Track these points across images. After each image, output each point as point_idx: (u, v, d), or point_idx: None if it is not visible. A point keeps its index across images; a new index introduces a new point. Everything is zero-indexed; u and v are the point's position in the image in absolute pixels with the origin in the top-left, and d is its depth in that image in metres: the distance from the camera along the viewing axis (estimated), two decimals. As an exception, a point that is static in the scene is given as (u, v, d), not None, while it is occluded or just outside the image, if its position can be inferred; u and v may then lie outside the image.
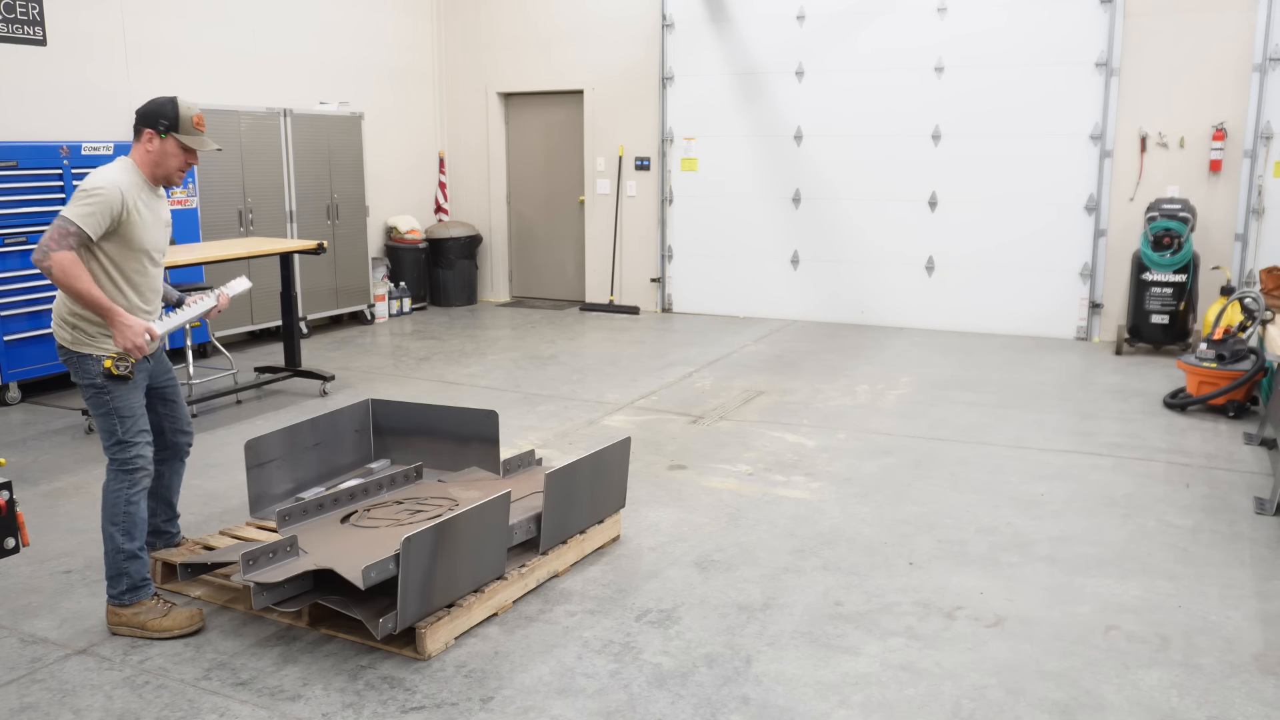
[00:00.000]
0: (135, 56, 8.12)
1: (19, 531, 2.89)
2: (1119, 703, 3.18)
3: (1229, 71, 8.15)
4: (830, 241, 9.85)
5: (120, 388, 3.60)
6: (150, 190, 3.63)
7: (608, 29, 10.46)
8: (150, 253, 3.63)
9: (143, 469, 3.65)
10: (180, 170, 3.65)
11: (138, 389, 3.66)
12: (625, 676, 3.35)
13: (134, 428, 3.64)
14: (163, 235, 3.73)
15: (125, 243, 3.54)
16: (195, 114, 3.63)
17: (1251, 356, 6.38)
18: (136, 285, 3.64)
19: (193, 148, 3.63)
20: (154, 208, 3.65)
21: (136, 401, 3.65)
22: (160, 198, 3.72)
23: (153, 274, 3.69)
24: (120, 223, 3.49)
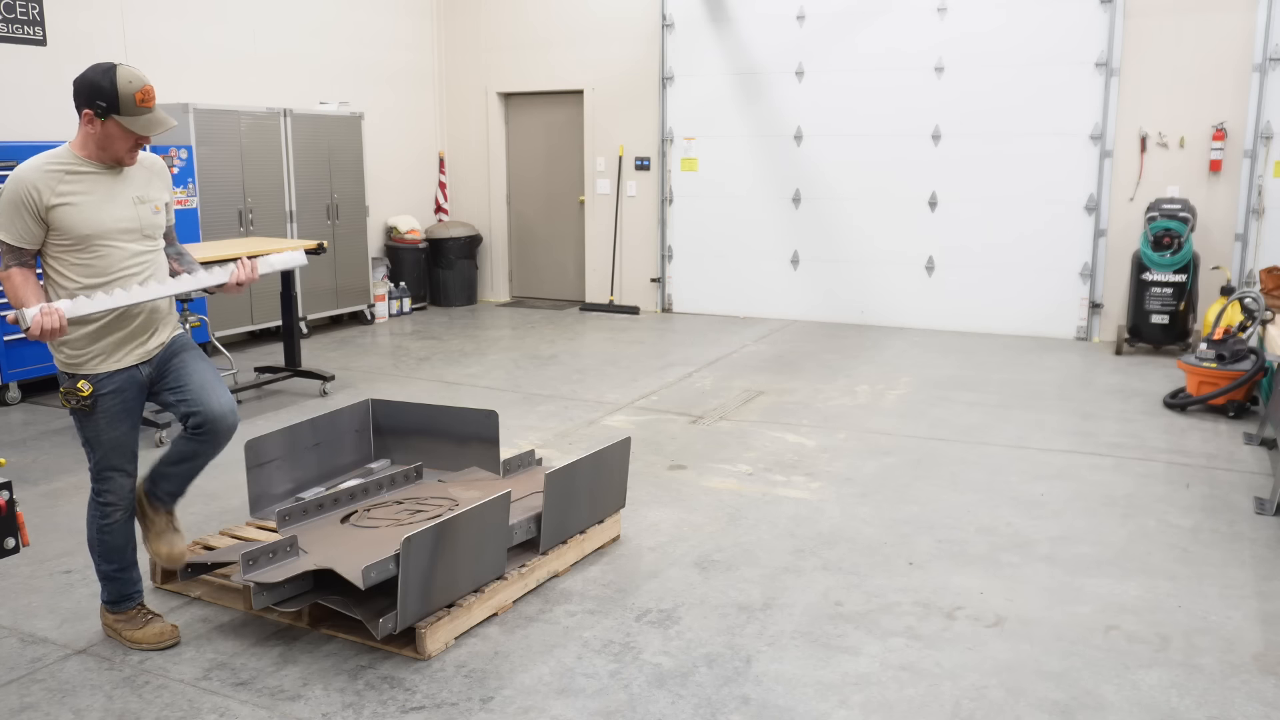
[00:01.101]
0: (135, 56, 8.11)
1: (19, 531, 2.89)
2: (1119, 703, 3.18)
3: (1229, 71, 8.15)
4: (830, 241, 9.85)
5: (83, 419, 3.30)
6: (98, 167, 3.25)
7: (607, 29, 10.46)
8: (104, 236, 3.22)
9: (113, 504, 3.41)
10: (131, 150, 3.25)
11: (112, 420, 3.32)
12: (625, 676, 3.35)
13: (104, 462, 3.36)
14: (128, 212, 3.29)
15: (61, 234, 3.17)
16: (139, 88, 3.13)
17: (1251, 356, 6.38)
18: (101, 275, 3.24)
19: (138, 133, 3.19)
20: (103, 187, 3.24)
21: (108, 434, 3.33)
22: (118, 174, 3.30)
23: (121, 256, 3.28)
24: (45, 214, 3.15)
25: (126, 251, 3.29)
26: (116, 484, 3.40)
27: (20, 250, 3.18)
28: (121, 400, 3.33)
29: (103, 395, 3.28)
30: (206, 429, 3.40)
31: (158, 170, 3.48)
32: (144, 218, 3.34)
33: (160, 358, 3.44)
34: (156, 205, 3.38)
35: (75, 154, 3.24)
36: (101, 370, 3.29)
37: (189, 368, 3.44)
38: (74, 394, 3.24)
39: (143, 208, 3.33)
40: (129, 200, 3.30)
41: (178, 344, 3.49)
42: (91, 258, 3.23)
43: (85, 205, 3.19)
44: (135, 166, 3.35)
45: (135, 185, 3.34)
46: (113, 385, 3.30)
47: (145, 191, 3.36)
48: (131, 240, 3.30)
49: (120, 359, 3.33)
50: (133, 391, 3.36)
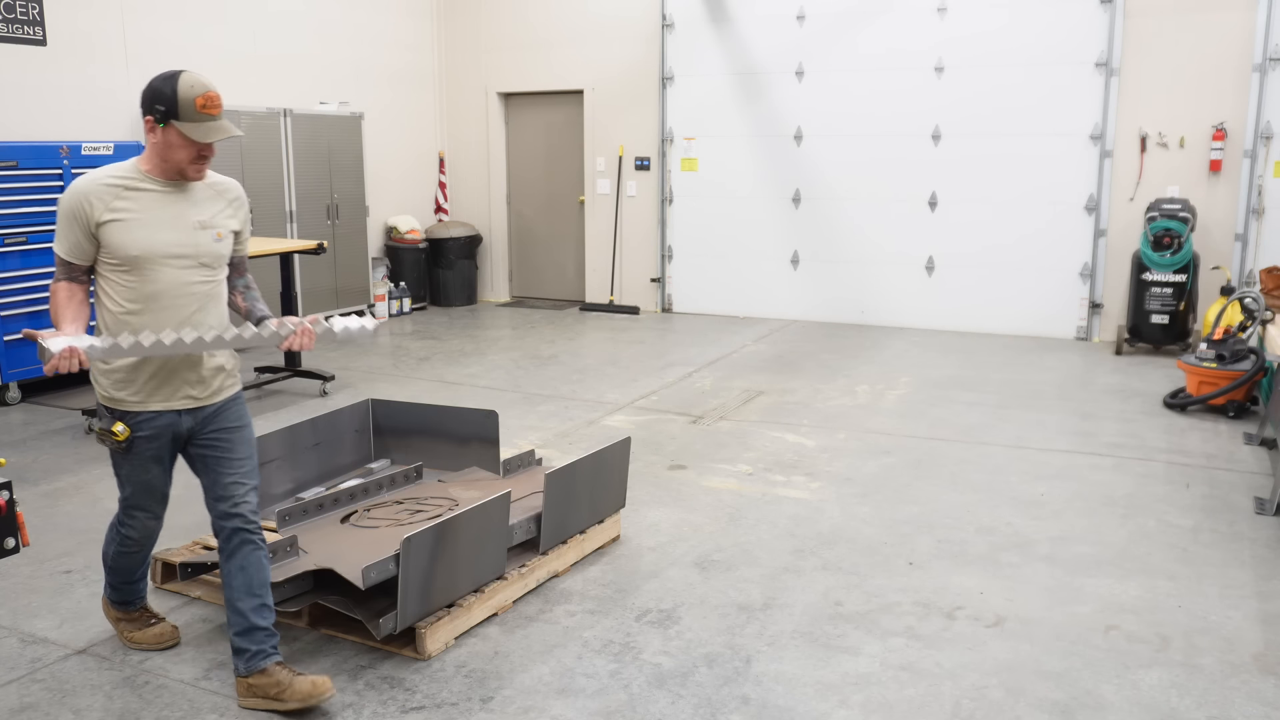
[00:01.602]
0: (135, 56, 8.12)
1: (19, 531, 2.89)
2: (1119, 703, 3.18)
3: (1229, 71, 8.15)
4: (830, 241, 9.85)
5: (116, 456, 3.13)
6: (161, 184, 3.00)
7: (607, 29, 10.46)
8: (154, 260, 2.95)
9: (134, 541, 3.29)
10: (192, 163, 2.97)
11: (144, 464, 3.12)
12: (625, 676, 3.35)
13: (132, 500, 3.20)
14: (185, 237, 3.01)
15: (110, 252, 2.94)
16: (200, 93, 2.91)
17: (1251, 356, 6.38)
18: (149, 301, 2.97)
19: (197, 140, 2.93)
20: (162, 206, 2.99)
21: (140, 477, 3.14)
22: (183, 194, 3.03)
23: (171, 283, 3.00)
24: (96, 230, 2.93)
25: (178, 279, 3.00)
26: (141, 524, 3.26)
27: (70, 265, 2.98)
28: (156, 447, 3.11)
29: (139, 438, 3.06)
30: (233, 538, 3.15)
31: (231, 196, 3.17)
32: (202, 245, 3.04)
33: (208, 413, 3.14)
34: (220, 233, 3.08)
35: (139, 168, 3.00)
36: (142, 410, 3.05)
37: (229, 453, 3.16)
38: (109, 435, 3.04)
39: (203, 234, 3.04)
40: (190, 224, 3.02)
41: (232, 414, 3.19)
42: (138, 281, 2.97)
43: (137, 224, 2.94)
44: (205, 189, 3.09)
45: (200, 208, 3.06)
46: (150, 430, 3.06)
47: (211, 217, 3.07)
48: (185, 267, 3.01)
49: (164, 399, 3.06)
50: (168, 439, 3.12)
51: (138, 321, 2.96)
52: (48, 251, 6.97)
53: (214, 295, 3.11)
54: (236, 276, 3.28)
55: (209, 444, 3.14)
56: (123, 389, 3.03)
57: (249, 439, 3.21)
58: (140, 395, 3.04)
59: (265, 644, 3.13)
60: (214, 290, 3.11)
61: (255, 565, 3.15)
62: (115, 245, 2.93)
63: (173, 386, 3.06)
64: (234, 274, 3.26)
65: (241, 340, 2.91)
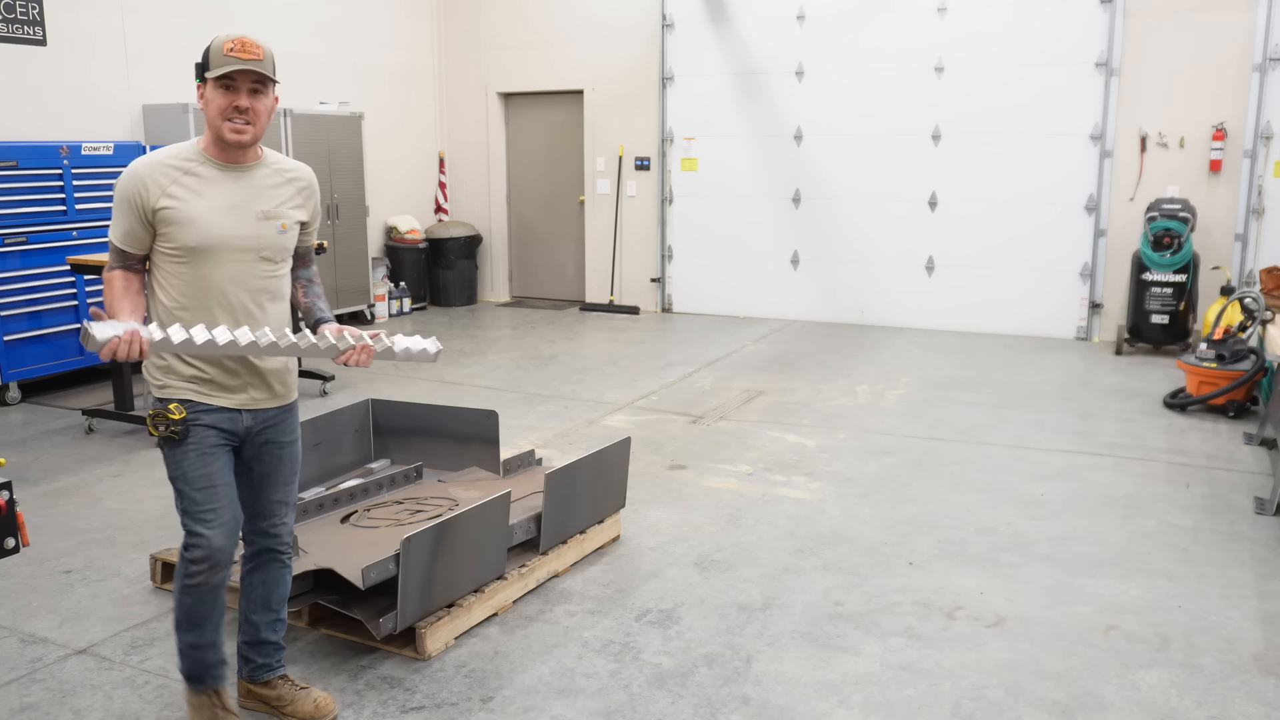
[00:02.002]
0: (135, 56, 8.12)
1: (19, 531, 2.88)
2: (1119, 703, 3.18)
3: (1229, 71, 8.15)
4: (830, 241, 9.85)
5: (172, 449, 2.77)
6: (221, 167, 2.74)
7: (607, 29, 10.46)
8: (212, 250, 2.70)
9: (203, 559, 2.77)
10: (226, 119, 2.67)
11: (204, 453, 2.76)
12: (625, 676, 3.35)
13: (192, 506, 2.77)
14: (247, 228, 2.75)
15: (166, 240, 2.70)
16: (230, 39, 2.67)
17: (1251, 356, 6.38)
18: (204, 295, 2.73)
19: (224, 82, 2.65)
20: (223, 191, 2.73)
21: (199, 470, 2.76)
22: (245, 177, 2.78)
23: (229, 277, 2.74)
24: (152, 216, 2.68)
25: (238, 272, 2.75)
26: (204, 538, 2.76)
27: (125, 253, 2.72)
28: (216, 436, 2.78)
29: (197, 423, 2.75)
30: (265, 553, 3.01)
31: (302, 185, 2.91)
32: (265, 236, 2.78)
33: (266, 418, 2.89)
34: (285, 224, 2.82)
35: (198, 149, 2.75)
36: (200, 401, 2.77)
37: (276, 469, 2.95)
38: (163, 417, 2.71)
39: (267, 224, 2.78)
40: (253, 213, 2.77)
41: (287, 426, 2.95)
42: (194, 273, 2.72)
43: (196, 210, 2.69)
44: (272, 173, 2.84)
45: (265, 196, 2.81)
46: (209, 419, 2.77)
47: (276, 205, 2.82)
48: (245, 260, 2.76)
49: (228, 396, 2.81)
50: (231, 435, 2.83)
51: (191, 317, 2.72)
52: (48, 252, 6.97)
53: (275, 291, 2.85)
54: (300, 267, 3.03)
55: (258, 455, 2.91)
56: (182, 381, 2.76)
57: (297, 455, 3.00)
58: (199, 388, 2.77)
59: (272, 658, 3.10)
60: (276, 285, 2.85)
61: (277, 581, 3.05)
62: (172, 233, 2.69)
63: (234, 384, 2.81)
64: (297, 264, 3.01)
65: (298, 349, 2.67)
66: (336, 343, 2.73)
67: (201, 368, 2.76)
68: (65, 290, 7.10)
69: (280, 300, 2.88)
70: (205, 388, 2.77)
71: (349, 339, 2.75)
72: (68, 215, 7.11)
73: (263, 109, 2.72)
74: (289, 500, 3.01)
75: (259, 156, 2.84)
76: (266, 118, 2.75)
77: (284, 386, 2.93)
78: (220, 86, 2.66)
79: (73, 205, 7.13)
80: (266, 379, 2.86)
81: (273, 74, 2.70)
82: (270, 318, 2.83)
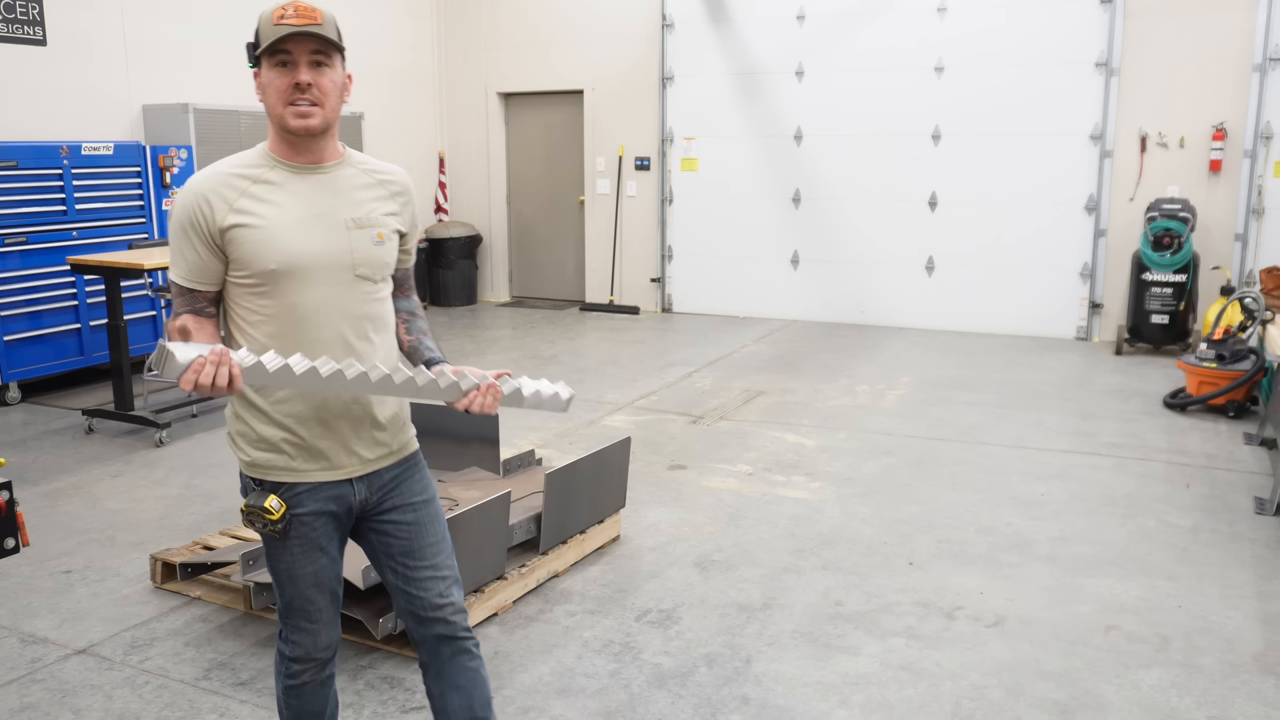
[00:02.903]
0: (135, 56, 8.12)
1: (19, 531, 2.89)
2: (1119, 703, 3.18)
3: (1229, 71, 8.15)
4: (830, 241, 9.85)
5: (271, 544, 2.29)
6: (295, 169, 2.22)
7: (607, 29, 10.46)
8: (295, 271, 2.17)
9: (306, 659, 2.38)
10: (287, 102, 2.14)
11: (308, 550, 2.28)
12: (625, 676, 3.35)
13: (293, 604, 2.33)
14: (335, 241, 2.21)
15: (239, 266, 2.17)
16: (279, 7, 2.13)
17: (1251, 356, 6.38)
18: (293, 328, 2.19)
19: (279, 58, 2.14)
20: (301, 198, 2.20)
21: (303, 569, 2.29)
22: (326, 179, 2.24)
23: (320, 302, 2.20)
24: (220, 239, 2.15)
25: (330, 297, 2.21)
26: (308, 637, 2.36)
27: (193, 294, 2.19)
28: (323, 527, 2.28)
29: (299, 517, 2.25)
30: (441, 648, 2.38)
31: (395, 186, 2.36)
32: (358, 249, 2.24)
33: (384, 481, 2.34)
34: (380, 233, 2.28)
35: (265, 152, 2.24)
36: (299, 481, 2.24)
37: (423, 538, 2.37)
38: (260, 514, 2.21)
39: (358, 234, 2.24)
40: (339, 222, 2.23)
41: (415, 483, 2.39)
42: (277, 303, 2.18)
43: (271, 225, 2.16)
44: (359, 174, 2.30)
45: (352, 201, 2.26)
46: (314, 505, 2.25)
47: (366, 211, 2.27)
48: (339, 280, 2.22)
49: (327, 464, 2.26)
50: (340, 517, 2.31)
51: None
52: (48, 252, 6.97)
53: (379, 318, 2.31)
54: (399, 295, 2.46)
55: (388, 527, 2.34)
56: (269, 451, 2.23)
57: (439, 514, 2.41)
58: (294, 459, 2.24)
59: None
60: (379, 311, 2.31)
61: (473, 683, 2.41)
62: (245, 257, 2.15)
63: (336, 444, 2.25)
64: (396, 295, 2.45)
65: (413, 387, 2.17)
66: (458, 380, 2.21)
67: (291, 427, 2.21)
68: (65, 290, 7.10)
69: (387, 330, 2.34)
70: (300, 457, 2.23)
71: (471, 379, 2.22)
72: (68, 215, 7.11)
73: (329, 85, 2.18)
74: (446, 571, 2.38)
75: (340, 154, 2.30)
76: (337, 97, 2.22)
77: (397, 438, 2.36)
78: (276, 65, 2.13)
79: (73, 205, 7.13)
80: (372, 432, 2.29)
81: (338, 40, 2.19)
82: (378, 351, 2.28)
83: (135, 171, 7.57)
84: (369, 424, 2.28)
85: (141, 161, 7.61)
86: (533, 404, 2.35)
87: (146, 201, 7.67)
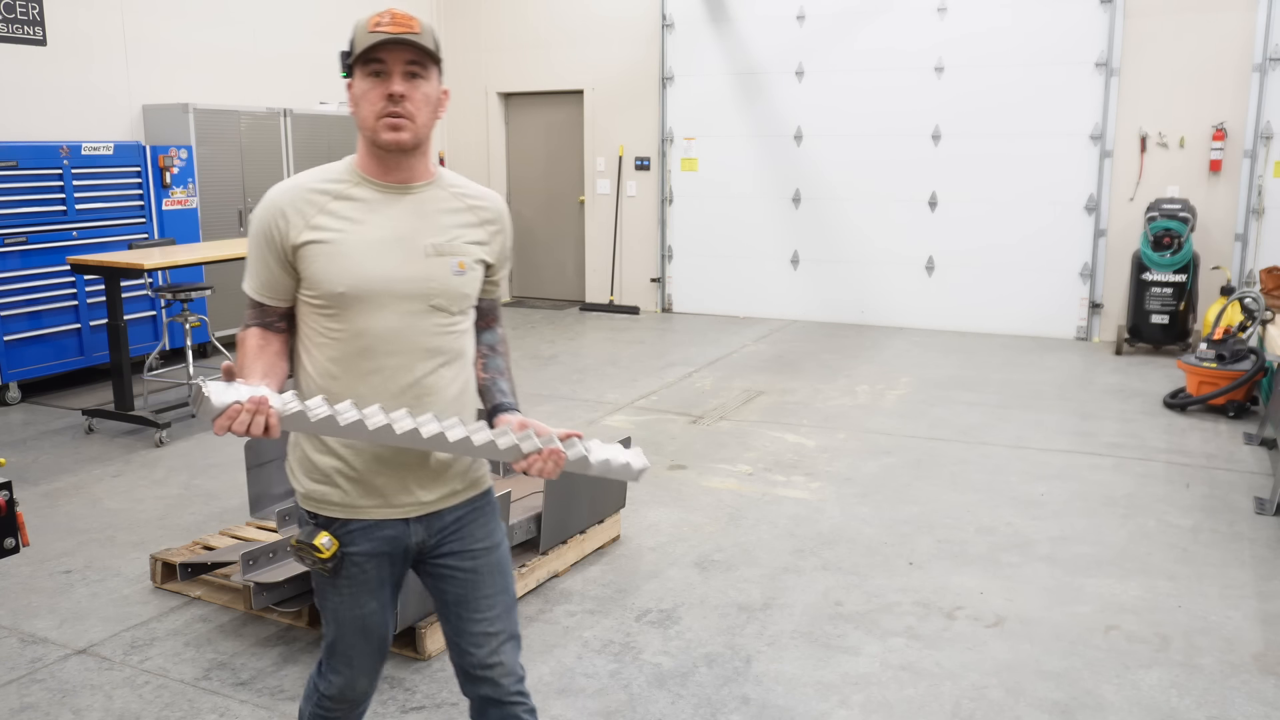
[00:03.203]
0: (135, 56, 8.12)
1: (19, 531, 2.89)
2: (1119, 703, 3.18)
3: (1229, 71, 8.15)
4: (830, 242, 9.86)
5: (320, 581, 2.16)
6: (380, 188, 2.09)
7: (607, 29, 10.46)
8: (366, 297, 2.02)
9: (340, 699, 2.25)
10: (379, 115, 2.02)
11: (357, 593, 2.14)
12: (625, 676, 3.35)
13: (338, 646, 2.20)
14: (412, 268, 2.05)
15: (309, 286, 2.05)
16: (375, 15, 2.01)
17: (1251, 356, 6.38)
18: (358, 359, 2.05)
19: (373, 67, 2.01)
20: (381, 219, 2.06)
21: (351, 612, 2.15)
22: (413, 197, 2.09)
23: (389, 334, 2.04)
24: (292, 255, 2.04)
25: (401, 328, 2.05)
26: (345, 681, 2.22)
27: (263, 307, 2.09)
28: (375, 569, 2.13)
29: (351, 556, 2.10)
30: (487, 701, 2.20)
31: (486, 213, 2.18)
32: (436, 277, 2.07)
33: (445, 523, 2.16)
34: (462, 262, 2.10)
35: (352, 167, 2.13)
36: (354, 518, 2.09)
37: (478, 588, 2.17)
38: (309, 551, 2.07)
39: (438, 262, 2.07)
40: (420, 247, 2.06)
41: (479, 528, 2.20)
42: (345, 329, 2.04)
43: (345, 246, 2.03)
44: (448, 197, 2.13)
45: (435, 226, 2.10)
46: (367, 544, 2.10)
47: (450, 237, 2.10)
48: (409, 310, 2.05)
49: (384, 502, 2.10)
50: (395, 559, 2.15)
51: (342, 389, 2.05)
52: (48, 252, 6.97)
53: (453, 353, 2.12)
54: (482, 326, 2.28)
55: (444, 572, 2.17)
56: (322, 483, 2.09)
57: (502, 563, 2.21)
58: (348, 493, 2.09)
59: None
60: (453, 345, 2.12)
61: None
62: (316, 276, 2.03)
63: (393, 481, 2.09)
64: (478, 325, 2.26)
65: (469, 447, 1.98)
66: (519, 442, 2.01)
67: (345, 456, 2.07)
68: (65, 290, 7.10)
69: (460, 365, 2.14)
70: (354, 491, 2.08)
71: (535, 440, 2.01)
72: (68, 215, 7.12)
73: (422, 99, 2.03)
74: (499, 627, 2.18)
75: (431, 174, 2.13)
76: (430, 112, 2.06)
77: (464, 477, 2.16)
78: (369, 74, 2.01)
79: (73, 205, 7.13)
80: (434, 471, 2.11)
81: (435, 51, 2.04)
82: (449, 388, 2.11)
83: (135, 172, 7.57)
84: (430, 461, 2.10)
85: (141, 161, 7.61)
86: (600, 472, 2.12)
87: (146, 201, 7.68)
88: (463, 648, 2.18)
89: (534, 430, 2.03)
